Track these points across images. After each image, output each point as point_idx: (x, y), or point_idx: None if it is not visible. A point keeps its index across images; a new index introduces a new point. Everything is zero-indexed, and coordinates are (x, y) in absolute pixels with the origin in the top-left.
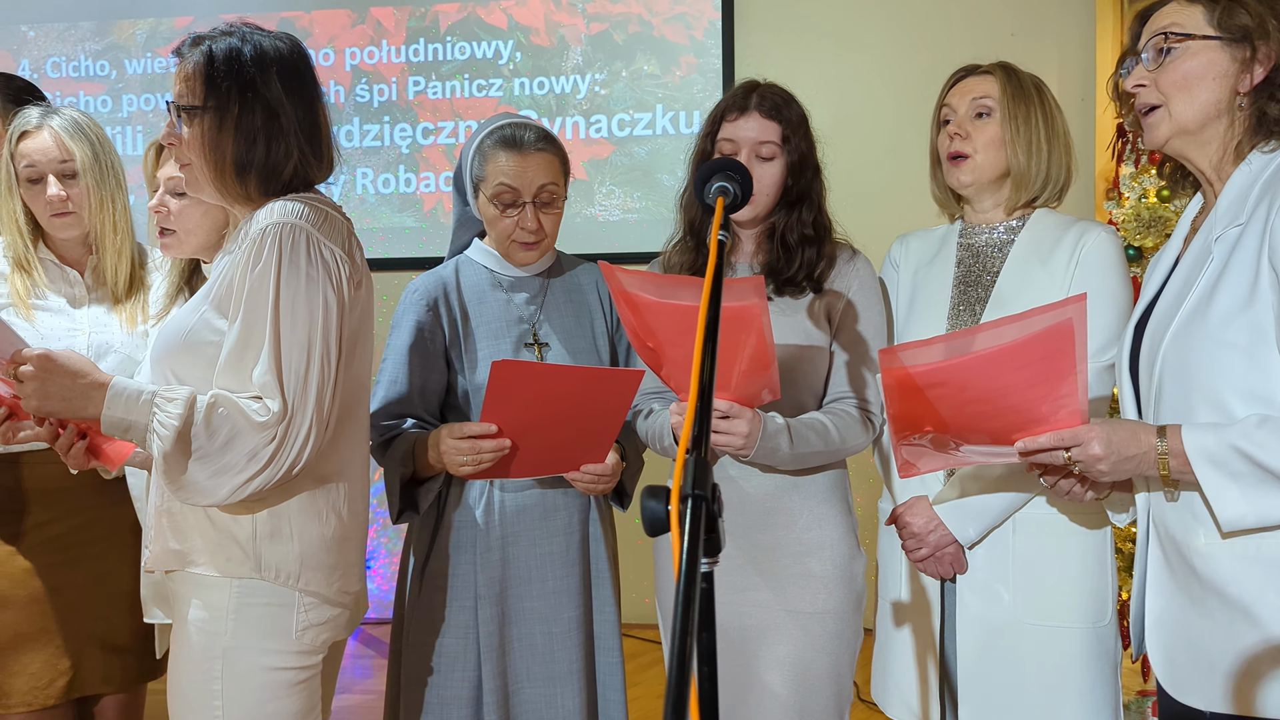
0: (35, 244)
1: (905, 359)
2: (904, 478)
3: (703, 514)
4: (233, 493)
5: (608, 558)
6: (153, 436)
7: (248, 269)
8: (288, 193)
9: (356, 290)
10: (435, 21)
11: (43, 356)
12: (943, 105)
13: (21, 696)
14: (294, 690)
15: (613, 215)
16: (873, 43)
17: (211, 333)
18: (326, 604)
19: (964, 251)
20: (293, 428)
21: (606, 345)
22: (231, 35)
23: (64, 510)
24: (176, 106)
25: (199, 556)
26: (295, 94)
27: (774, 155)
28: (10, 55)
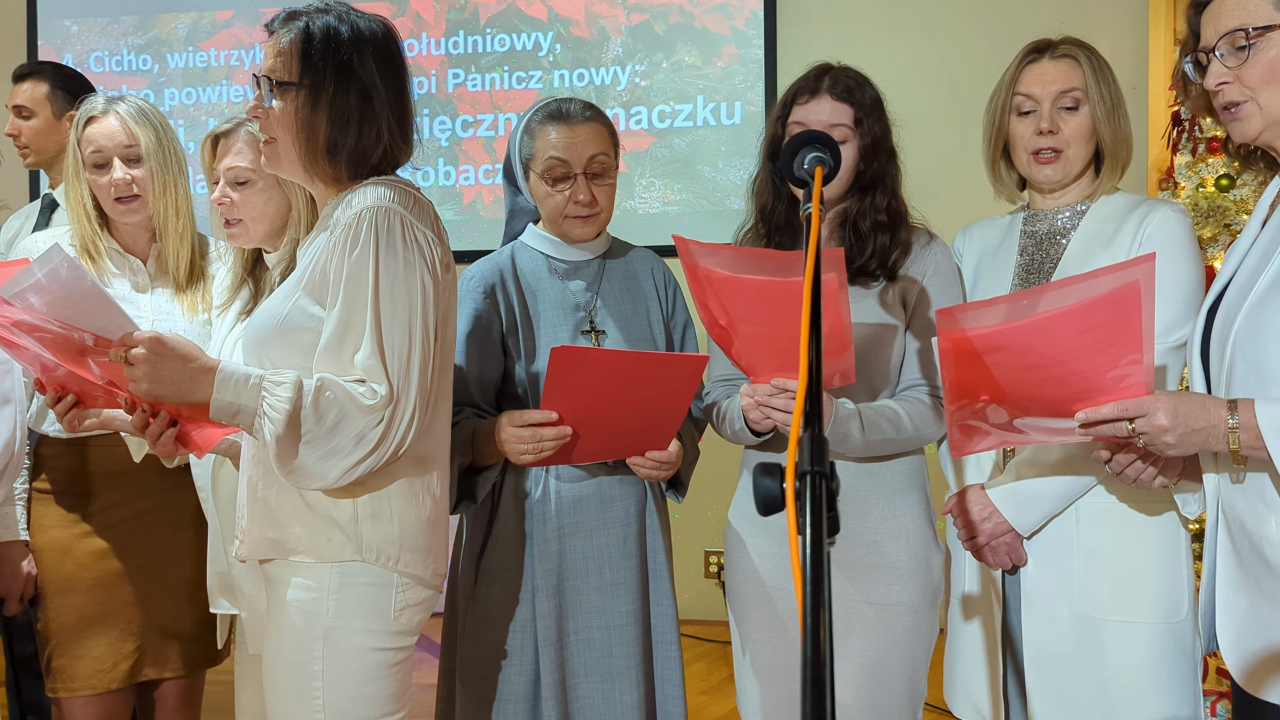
0: (101, 230)
1: (965, 321)
2: (955, 457)
3: (823, 491)
4: (341, 475)
5: (665, 550)
6: (263, 420)
7: (344, 254)
8: (373, 175)
9: (446, 272)
10: (475, 14)
11: (154, 339)
12: (1016, 93)
13: (86, 680)
14: (390, 671)
15: (653, 207)
16: (918, 32)
17: (307, 319)
18: (421, 585)
19: (1027, 240)
20: (399, 410)
21: (662, 332)
22: (328, 13)
23: (129, 494)
24: (268, 79)
25: (298, 544)
26: (388, 77)
27: (846, 139)
28: (54, 50)
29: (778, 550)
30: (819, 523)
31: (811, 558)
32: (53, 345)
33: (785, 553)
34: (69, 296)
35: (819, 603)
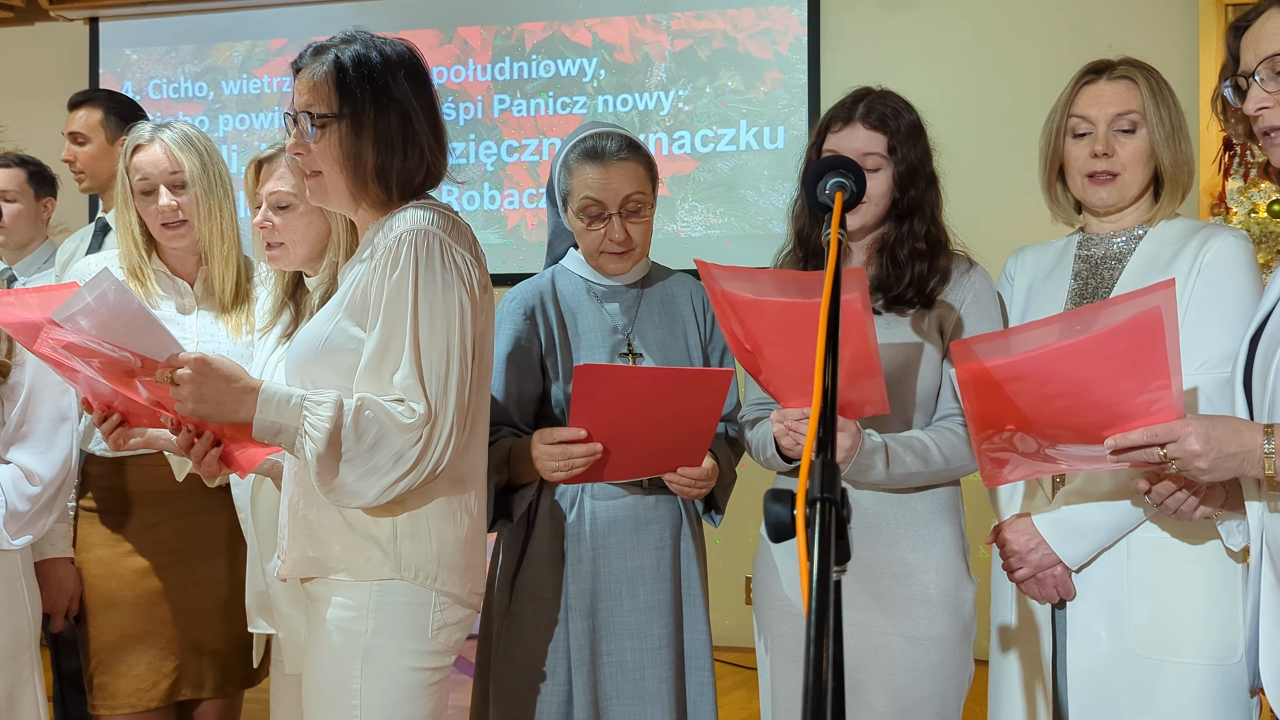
0: (149, 255)
1: (980, 352)
2: (989, 486)
3: (833, 518)
4: (381, 494)
5: (699, 574)
6: (304, 439)
7: (385, 276)
8: (419, 195)
9: (484, 294)
10: (521, 40)
11: (199, 360)
12: (1071, 114)
13: (126, 698)
14: (427, 691)
15: (695, 231)
16: (963, 56)
17: (348, 340)
18: (459, 604)
19: (1081, 264)
20: (437, 429)
21: (700, 356)
22: (354, 42)
23: (169, 514)
24: (307, 115)
25: (337, 562)
26: (422, 96)
27: (879, 166)
28: (115, 78)
29: None
30: (826, 550)
31: (818, 585)
32: (102, 367)
33: None
34: (117, 319)
35: (823, 631)
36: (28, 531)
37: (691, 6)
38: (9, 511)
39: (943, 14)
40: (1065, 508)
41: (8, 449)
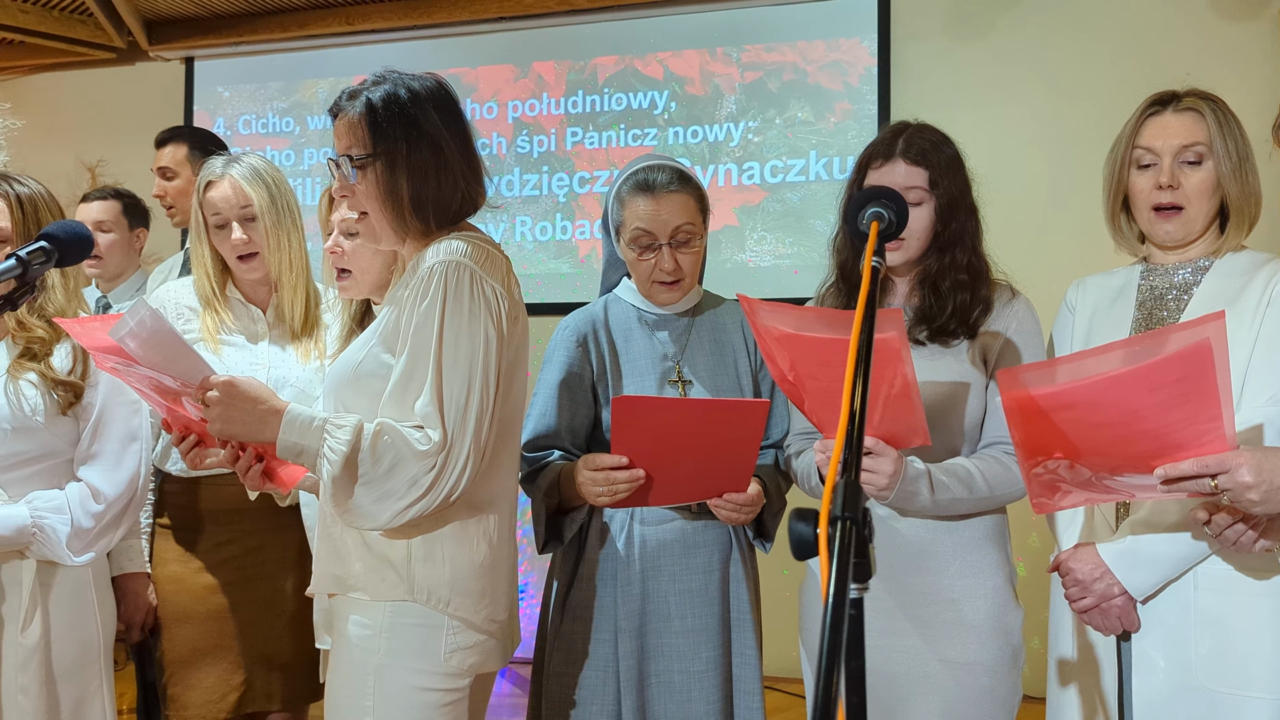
0: (223, 285)
1: (1027, 381)
2: (1040, 513)
3: (853, 537)
4: (394, 517)
5: (749, 600)
6: (323, 461)
7: (415, 305)
8: (458, 220)
9: (514, 324)
10: (594, 74)
11: (227, 383)
12: (1136, 145)
13: (197, 709)
14: (441, 712)
15: (764, 260)
16: (1036, 85)
17: (379, 366)
18: (473, 630)
19: (1145, 295)
20: (452, 456)
21: (750, 383)
22: (384, 83)
23: (239, 532)
24: (346, 159)
25: (357, 580)
26: (451, 125)
27: (921, 200)
28: (208, 114)
29: None
30: (844, 566)
31: (834, 601)
32: (151, 387)
33: None
34: (155, 342)
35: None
36: (91, 549)
37: (762, 39)
38: (74, 529)
39: (1014, 44)
40: (1131, 538)
41: (79, 467)
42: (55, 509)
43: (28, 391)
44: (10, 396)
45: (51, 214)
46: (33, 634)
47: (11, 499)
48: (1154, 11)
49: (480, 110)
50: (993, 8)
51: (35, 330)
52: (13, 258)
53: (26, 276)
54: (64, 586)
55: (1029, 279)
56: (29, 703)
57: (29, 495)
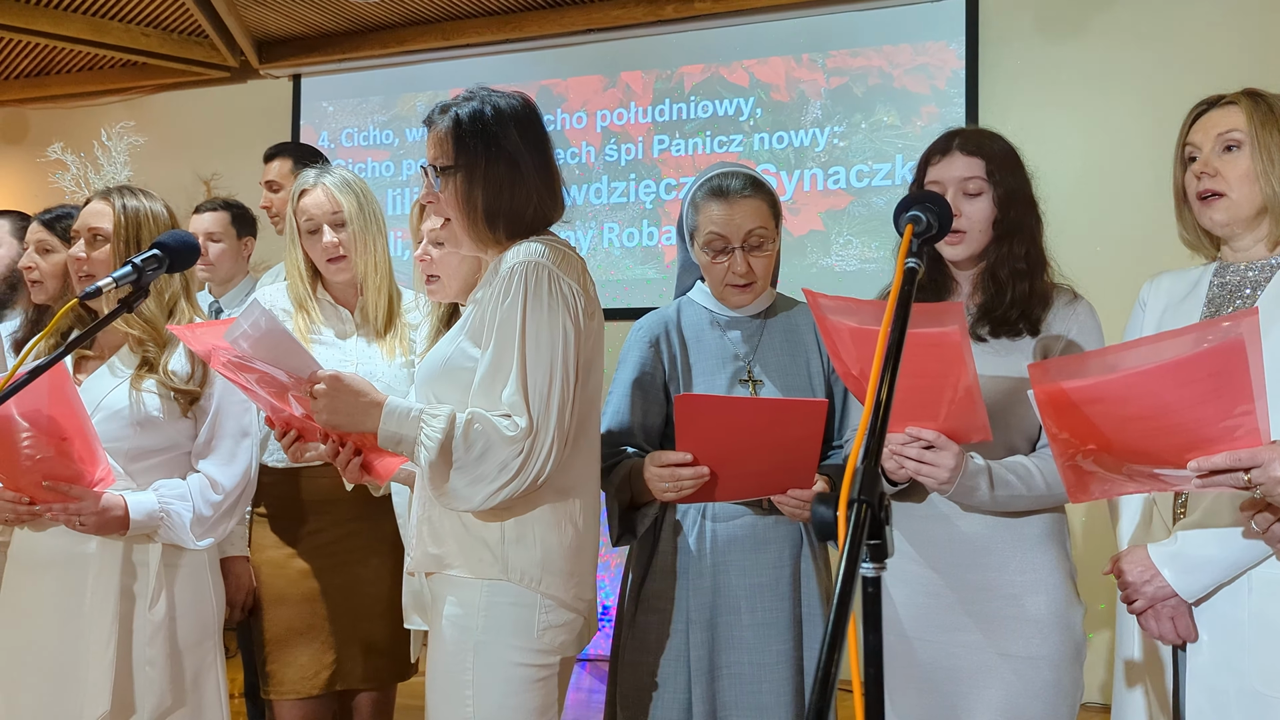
0: (314, 287)
1: (1058, 374)
2: (1074, 502)
3: (866, 518)
4: (486, 499)
5: (820, 594)
6: (420, 448)
7: (498, 303)
8: (530, 234)
9: (590, 320)
10: (680, 82)
11: (333, 377)
12: (1185, 143)
13: (292, 685)
14: (534, 686)
15: (850, 265)
16: (1130, 85)
17: (467, 360)
18: (564, 608)
19: (1215, 292)
20: (538, 442)
21: (822, 384)
22: (472, 99)
23: (334, 520)
24: (433, 168)
25: (454, 560)
26: (530, 143)
27: (981, 190)
28: (313, 128)
29: (917, 600)
30: (857, 546)
31: (844, 576)
32: (261, 383)
33: (924, 602)
34: (267, 341)
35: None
36: (210, 534)
37: (847, 45)
38: (195, 516)
39: (1109, 42)
40: (1182, 540)
41: (198, 461)
42: (179, 496)
43: (148, 396)
44: (134, 399)
45: (156, 227)
46: (159, 610)
47: (138, 488)
48: (1250, 8)
49: (570, 120)
50: (1085, 7)
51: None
52: (129, 265)
53: (141, 282)
54: (186, 568)
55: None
56: (155, 673)
57: (155, 483)
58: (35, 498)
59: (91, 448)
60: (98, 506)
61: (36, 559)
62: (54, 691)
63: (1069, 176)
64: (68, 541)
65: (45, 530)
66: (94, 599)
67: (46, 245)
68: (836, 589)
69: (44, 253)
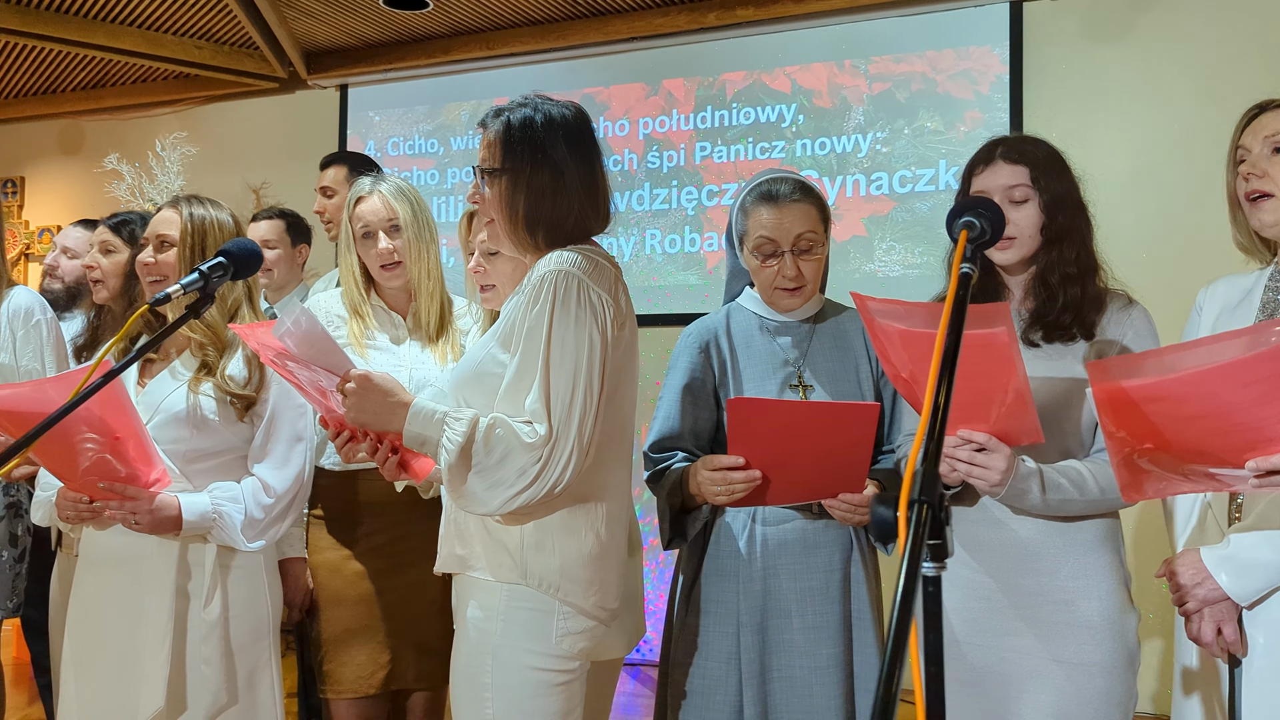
0: (368, 293)
1: (1118, 373)
2: (1128, 501)
3: (927, 518)
4: (504, 504)
5: (870, 599)
6: (441, 450)
7: (527, 310)
8: (569, 243)
9: (620, 330)
10: (722, 90)
11: (362, 376)
12: (1237, 146)
13: (349, 684)
14: (553, 691)
15: (893, 270)
16: (1180, 89)
17: (495, 365)
18: (583, 615)
19: (1270, 295)
20: (557, 450)
21: (871, 389)
22: (525, 106)
23: (388, 522)
24: (480, 170)
25: (477, 562)
26: (578, 155)
27: (1027, 197)
28: (360, 137)
29: (969, 604)
30: (917, 548)
31: (905, 576)
32: (309, 381)
33: (975, 606)
34: (308, 340)
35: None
36: (262, 537)
37: (890, 50)
38: (247, 518)
39: (1157, 43)
40: (1234, 543)
41: (253, 464)
42: (232, 499)
43: (205, 400)
44: (191, 402)
45: (222, 235)
46: (214, 610)
47: (195, 489)
48: None
49: (613, 128)
50: (1132, 8)
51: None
52: (195, 272)
53: (207, 289)
54: (240, 569)
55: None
56: (210, 671)
57: (210, 486)
58: (94, 496)
59: (145, 449)
60: (151, 506)
61: (102, 556)
62: (115, 685)
63: (1115, 181)
64: (129, 540)
65: (108, 529)
66: (151, 597)
67: (109, 246)
68: (898, 589)
69: (106, 253)
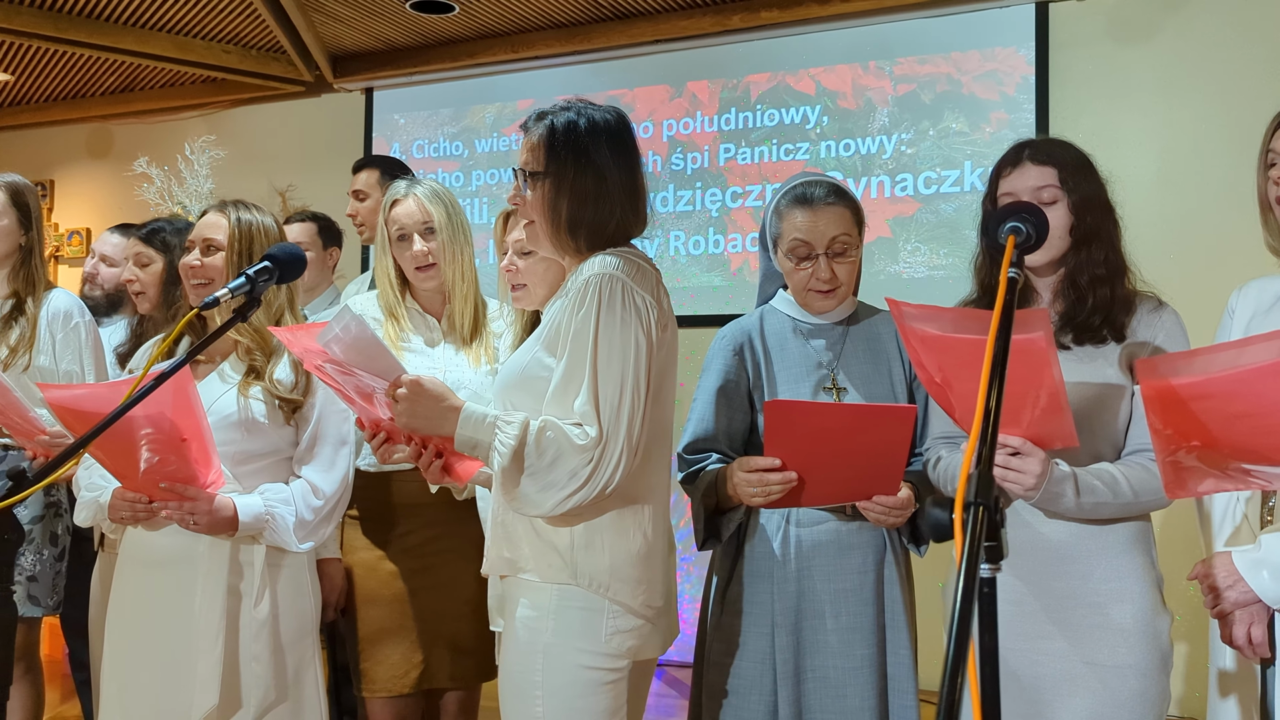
0: (403, 295)
1: (1166, 371)
2: (1171, 498)
3: (983, 520)
4: (556, 505)
5: (903, 601)
6: (494, 453)
7: (573, 314)
8: (610, 246)
9: (663, 332)
10: (746, 91)
11: (414, 381)
12: (1268, 149)
13: (383, 683)
14: (603, 689)
15: (918, 272)
16: (1205, 90)
17: (541, 369)
18: (631, 614)
19: None
20: (607, 451)
21: (905, 392)
22: (569, 110)
23: (422, 523)
24: (523, 172)
25: (526, 563)
26: (620, 160)
27: (1055, 199)
28: (385, 140)
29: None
30: (975, 549)
31: (965, 579)
32: (351, 385)
33: (1008, 609)
34: (357, 345)
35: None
36: (312, 538)
37: (914, 52)
38: (298, 519)
39: (1183, 44)
40: (1268, 546)
41: (299, 467)
42: (283, 500)
43: (255, 403)
44: (241, 405)
45: (267, 239)
46: (264, 609)
47: (242, 490)
48: None
49: (637, 130)
50: (1159, 9)
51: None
52: (243, 276)
53: (254, 292)
54: (288, 568)
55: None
56: (260, 668)
57: (261, 487)
58: (153, 496)
59: (207, 451)
60: (210, 507)
61: (151, 557)
62: (166, 685)
63: (1142, 182)
64: (181, 541)
65: (159, 530)
66: (204, 597)
67: (145, 258)
68: (958, 590)
69: (142, 266)
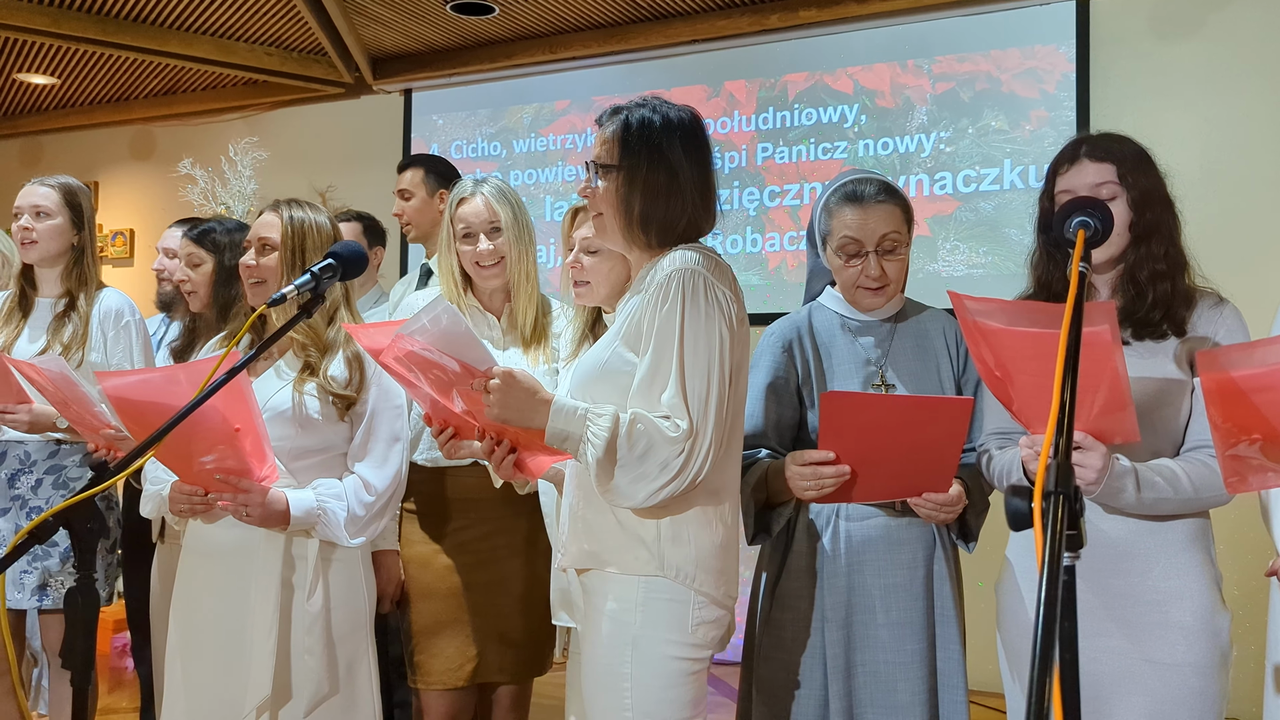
0: (465, 293)
1: (1226, 363)
2: (1232, 493)
3: (1064, 510)
4: (648, 497)
5: (953, 596)
6: (587, 445)
7: (656, 309)
8: (680, 242)
9: (740, 326)
10: (784, 91)
11: (507, 373)
12: None
13: (438, 676)
14: (689, 680)
15: (957, 270)
16: (1251, 86)
17: (623, 364)
18: (715, 604)
19: None
20: (698, 443)
21: (953, 388)
22: (644, 106)
23: (478, 518)
24: (595, 165)
25: (610, 556)
26: (693, 157)
27: (1115, 195)
28: (424, 140)
29: None
30: (1058, 538)
31: (1049, 569)
32: (428, 378)
33: None
34: (447, 337)
35: (1051, 618)
36: (363, 533)
37: (954, 50)
38: (349, 515)
39: (1226, 39)
40: None
41: (353, 463)
42: (335, 496)
43: (310, 399)
44: (296, 401)
45: (320, 237)
46: (316, 602)
47: (296, 485)
48: None
49: None
50: (1202, 5)
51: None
52: (308, 274)
53: (319, 289)
54: (340, 562)
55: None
56: (313, 661)
57: (314, 482)
58: (209, 489)
59: (261, 444)
60: (263, 499)
61: (209, 548)
62: (221, 675)
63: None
64: (237, 534)
65: (216, 522)
66: (258, 589)
67: (196, 259)
68: (1043, 579)
69: (194, 266)
